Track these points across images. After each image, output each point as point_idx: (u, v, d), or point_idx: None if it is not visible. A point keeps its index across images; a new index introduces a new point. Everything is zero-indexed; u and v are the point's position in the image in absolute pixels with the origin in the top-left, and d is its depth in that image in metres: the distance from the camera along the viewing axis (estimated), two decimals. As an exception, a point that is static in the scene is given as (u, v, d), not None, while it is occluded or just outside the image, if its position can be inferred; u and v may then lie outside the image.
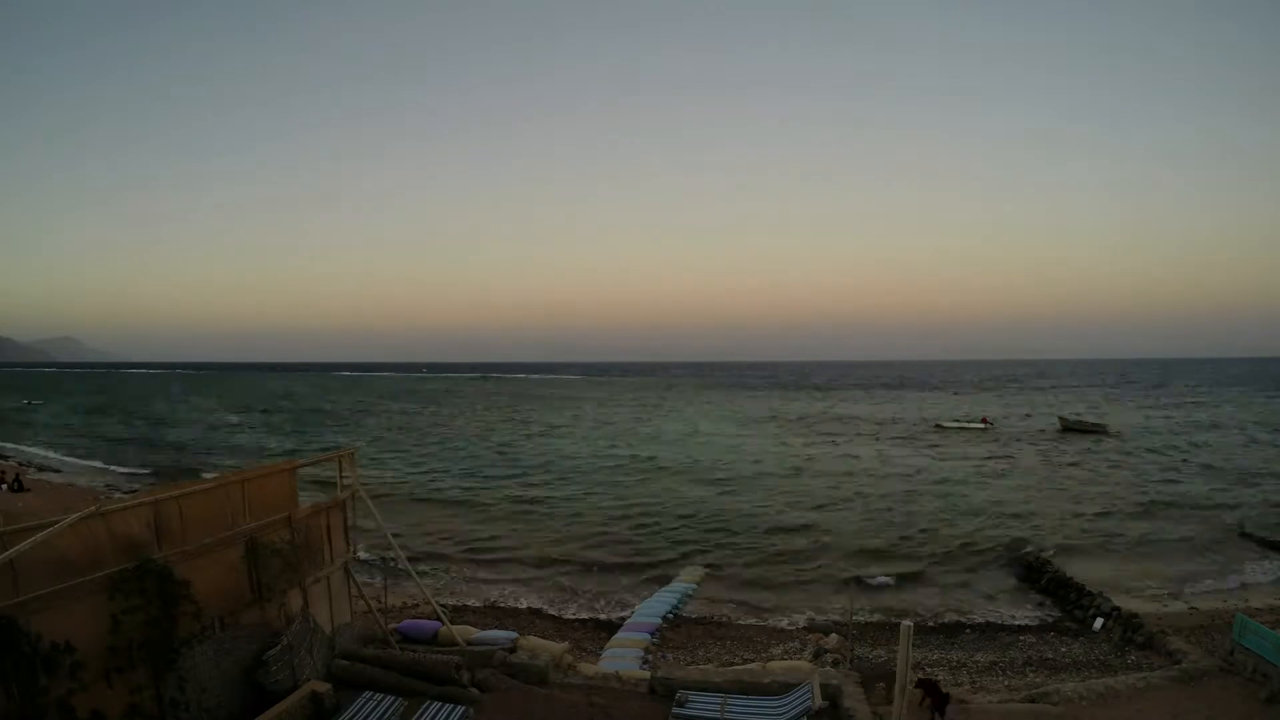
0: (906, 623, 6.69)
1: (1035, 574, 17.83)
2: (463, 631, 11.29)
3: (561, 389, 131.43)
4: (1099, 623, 14.03)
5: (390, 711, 7.45)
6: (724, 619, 15.28)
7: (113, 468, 36.62)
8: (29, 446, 44.66)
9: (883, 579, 17.96)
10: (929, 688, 8.86)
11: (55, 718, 5.73)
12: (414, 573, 11.84)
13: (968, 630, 14.59)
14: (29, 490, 25.74)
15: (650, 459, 39.00)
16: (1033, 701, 9.44)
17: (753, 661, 11.83)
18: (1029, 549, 19.78)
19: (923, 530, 22.66)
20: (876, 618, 15.15)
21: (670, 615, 14.29)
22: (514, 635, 11.08)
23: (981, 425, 53.36)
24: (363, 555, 15.64)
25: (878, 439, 48.30)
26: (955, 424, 54.90)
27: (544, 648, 10.50)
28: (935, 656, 12.94)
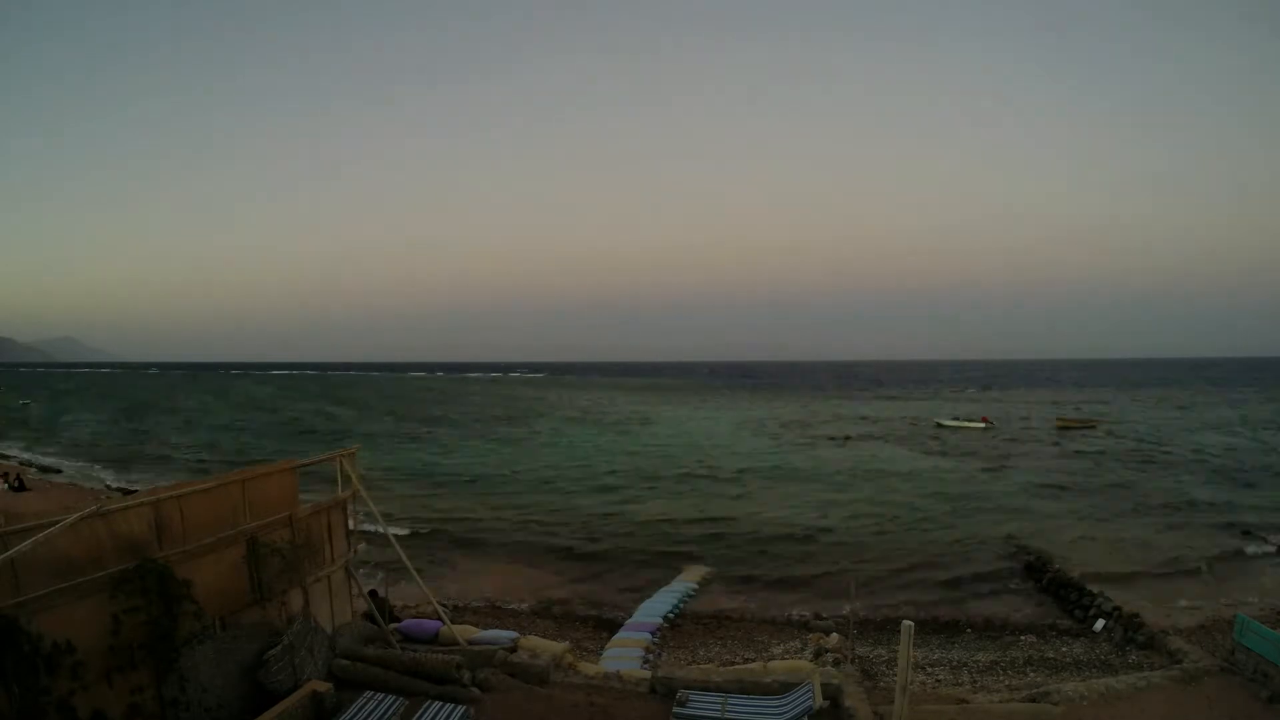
0: (907, 622, 6.67)
1: (1036, 574, 17.81)
2: (463, 631, 11.28)
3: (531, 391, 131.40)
4: (1100, 623, 14.02)
5: (391, 711, 7.44)
6: (725, 618, 15.27)
7: (112, 468, 36.66)
8: (25, 452, 44.65)
9: (884, 578, 17.95)
10: None
11: (56, 718, 5.73)
12: (415, 572, 11.84)
13: (968, 630, 14.58)
14: (30, 490, 25.76)
15: (648, 459, 39.02)
16: (1034, 701, 9.42)
17: (753, 661, 11.82)
18: (1029, 548, 19.77)
19: (923, 529, 22.66)
20: (877, 617, 15.14)
21: (671, 615, 14.28)
22: (515, 635, 11.08)
23: (982, 424, 53.38)
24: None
25: (878, 438, 48.29)
26: (956, 423, 54.93)
27: (545, 647, 10.49)
28: (936, 656, 12.93)
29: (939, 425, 55.27)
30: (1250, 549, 20.10)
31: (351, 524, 10.34)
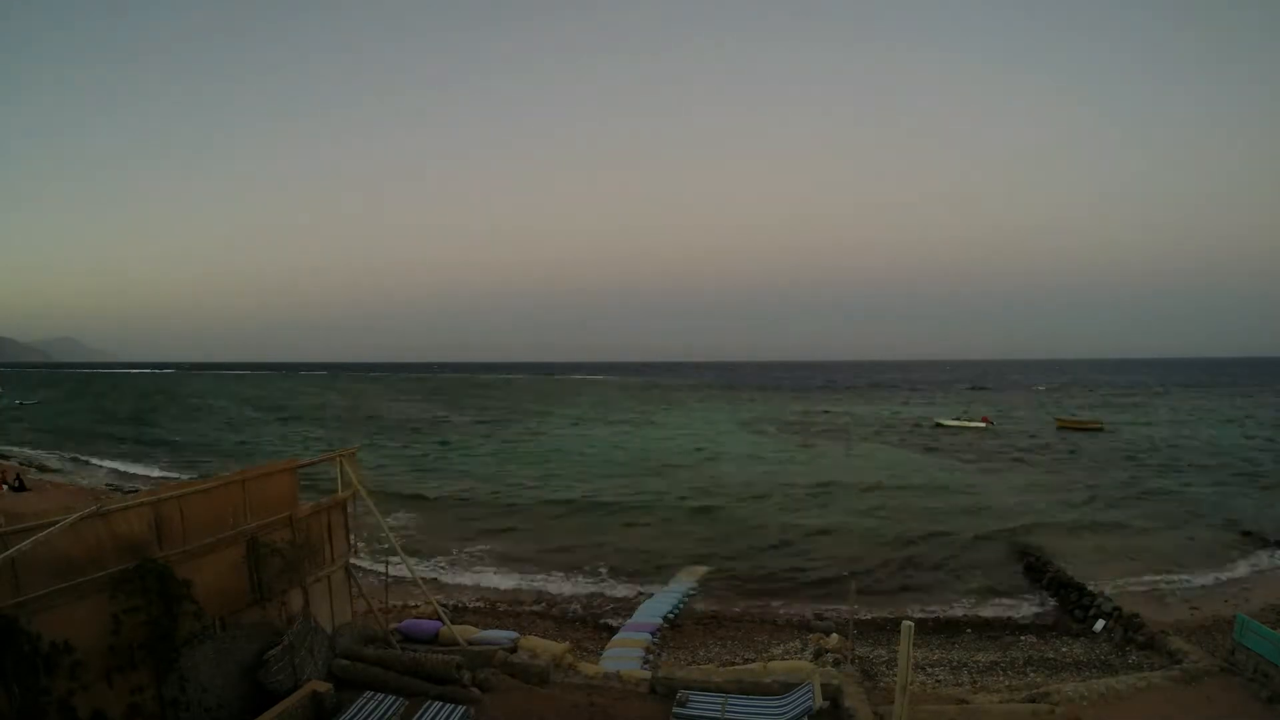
0: (907, 622, 6.67)
1: (1036, 574, 17.83)
2: (463, 631, 11.29)
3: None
4: (1100, 623, 14.03)
5: (391, 711, 7.44)
6: (725, 618, 15.28)
7: (113, 467, 36.67)
8: (25, 451, 44.63)
9: (884, 578, 17.95)
10: None
11: (56, 718, 5.73)
12: (415, 572, 11.85)
13: (968, 630, 14.58)
14: (30, 490, 25.75)
15: (648, 458, 39.03)
16: (1034, 701, 9.43)
17: (753, 661, 11.82)
18: (1030, 548, 19.77)
19: (923, 529, 22.64)
20: (877, 617, 15.14)
21: (671, 615, 14.27)
22: (515, 635, 11.09)
23: (982, 424, 53.40)
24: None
25: (878, 439, 48.31)
26: (956, 423, 54.95)
27: (545, 647, 10.50)
28: (936, 656, 12.93)
29: (939, 425, 55.30)
30: (1250, 549, 20.10)
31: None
